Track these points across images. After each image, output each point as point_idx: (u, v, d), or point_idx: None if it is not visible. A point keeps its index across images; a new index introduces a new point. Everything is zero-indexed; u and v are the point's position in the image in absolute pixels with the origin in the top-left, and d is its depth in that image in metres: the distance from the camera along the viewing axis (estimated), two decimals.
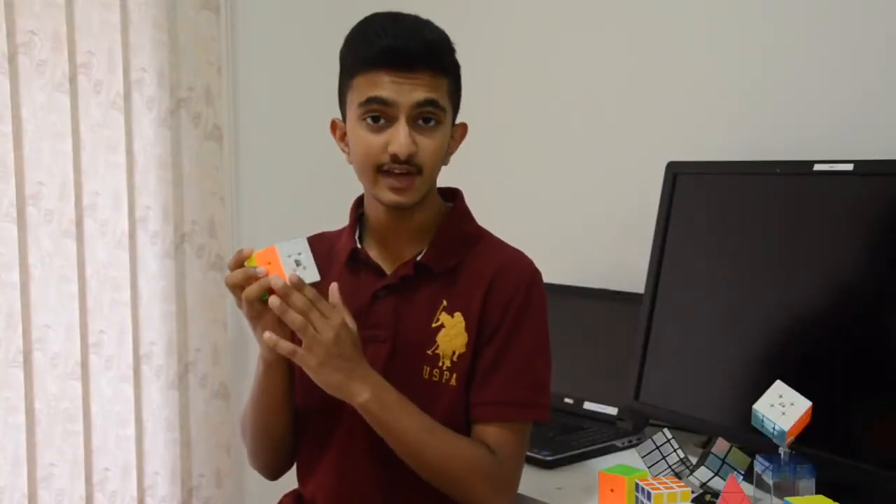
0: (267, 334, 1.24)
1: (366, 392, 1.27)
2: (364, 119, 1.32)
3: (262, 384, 1.38)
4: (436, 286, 1.39)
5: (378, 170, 1.33)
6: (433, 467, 1.32)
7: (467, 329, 1.37)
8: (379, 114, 1.31)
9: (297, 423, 1.46)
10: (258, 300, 1.26)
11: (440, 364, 1.37)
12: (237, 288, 1.27)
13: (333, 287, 1.28)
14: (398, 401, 1.30)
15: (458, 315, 1.37)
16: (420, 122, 1.32)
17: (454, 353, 1.37)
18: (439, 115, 1.33)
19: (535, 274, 1.41)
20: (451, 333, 1.37)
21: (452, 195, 1.48)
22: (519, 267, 1.41)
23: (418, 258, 1.40)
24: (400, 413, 1.30)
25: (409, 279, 1.39)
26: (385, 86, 1.30)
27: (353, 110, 1.34)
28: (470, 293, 1.38)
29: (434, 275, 1.39)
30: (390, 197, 1.34)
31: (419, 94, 1.30)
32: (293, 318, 1.22)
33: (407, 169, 1.32)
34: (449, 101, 1.35)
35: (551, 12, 2.22)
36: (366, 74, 1.32)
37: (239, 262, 1.28)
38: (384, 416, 1.29)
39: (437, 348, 1.37)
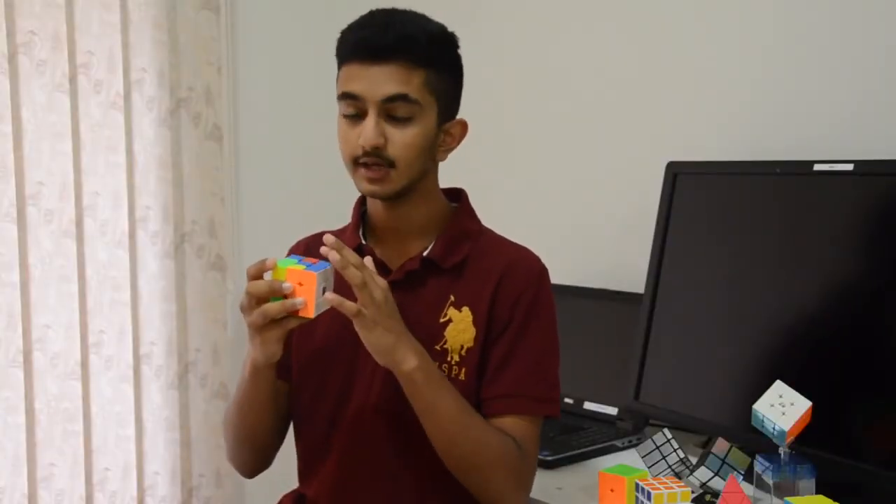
0: (331, 295, 1.21)
1: (414, 360, 1.25)
2: (343, 114, 1.35)
3: (247, 388, 1.38)
4: (443, 281, 1.39)
5: (355, 162, 1.34)
6: (463, 453, 1.31)
7: (475, 323, 1.37)
8: (353, 108, 1.33)
9: (279, 426, 1.46)
10: (274, 317, 1.23)
11: (448, 359, 1.37)
12: (257, 298, 1.23)
13: (368, 260, 1.26)
14: (441, 376, 1.30)
15: (465, 309, 1.38)
16: (392, 115, 1.32)
17: (462, 347, 1.37)
18: (413, 110, 1.32)
19: (544, 270, 1.42)
20: (459, 328, 1.37)
21: (457, 195, 1.48)
22: (528, 263, 1.41)
23: (425, 253, 1.40)
24: (442, 389, 1.28)
25: (414, 275, 1.39)
26: (355, 79, 1.31)
27: (338, 104, 1.36)
28: (478, 288, 1.38)
29: (441, 270, 1.39)
30: (365, 187, 1.35)
31: (387, 89, 1.30)
32: (353, 274, 1.19)
33: (377, 161, 1.32)
34: (428, 95, 1.33)
35: (551, 12, 2.22)
36: (343, 67, 1.34)
37: (260, 272, 1.24)
38: (427, 389, 1.27)
39: (445, 343, 1.37)
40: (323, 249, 1.21)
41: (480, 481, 1.33)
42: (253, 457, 1.47)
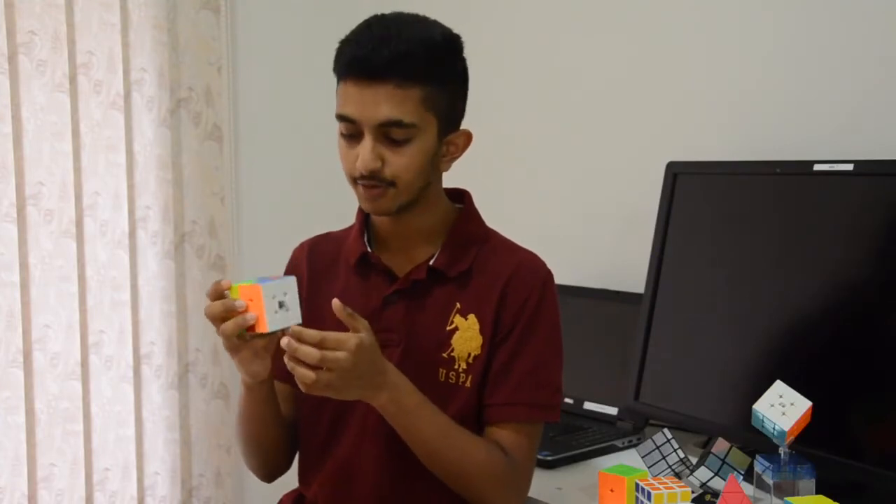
0: (289, 362, 1.20)
1: (381, 396, 1.27)
2: (340, 132, 1.33)
3: (245, 402, 1.39)
4: (449, 289, 1.39)
5: (354, 181, 1.33)
6: (449, 470, 1.33)
7: (482, 331, 1.37)
8: (349, 130, 1.31)
9: (288, 430, 1.46)
10: (234, 335, 1.24)
11: (455, 366, 1.37)
12: (217, 319, 1.24)
13: (336, 305, 1.23)
14: (417, 405, 1.29)
15: (472, 317, 1.37)
16: (389, 137, 1.30)
17: (469, 355, 1.37)
18: (409, 133, 1.29)
19: (549, 275, 1.41)
20: (466, 336, 1.37)
21: (460, 196, 1.47)
22: (533, 268, 1.41)
23: (431, 262, 1.39)
24: (416, 417, 1.30)
25: (420, 284, 1.39)
26: (350, 101, 1.29)
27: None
28: (484, 295, 1.38)
29: (447, 278, 1.39)
30: (366, 205, 1.35)
31: (381, 113, 1.27)
32: (307, 353, 1.18)
33: (375, 183, 1.31)
34: (425, 112, 1.30)
35: (552, 13, 2.22)
36: (340, 84, 1.32)
37: (218, 293, 1.24)
38: (400, 419, 1.29)
39: (451, 351, 1.37)
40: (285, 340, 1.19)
41: (470, 492, 1.35)
42: (265, 463, 1.48)
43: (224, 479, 2.48)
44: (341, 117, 1.31)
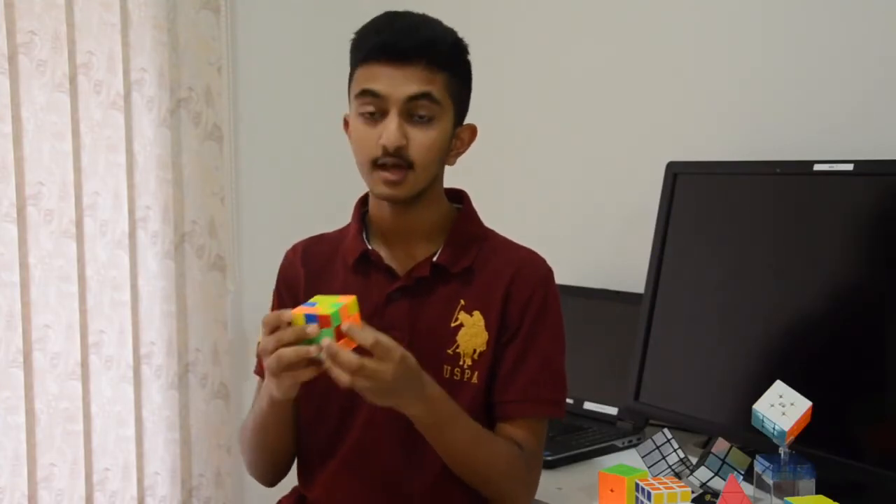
0: (337, 374, 1.18)
1: (417, 407, 1.27)
2: (360, 112, 1.33)
3: (267, 416, 1.37)
4: (452, 286, 1.39)
5: (373, 164, 1.33)
6: (476, 472, 1.35)
7: (487, 327, 1.38)
8: (373, 107, 1.32)
9: (294, 434, 1.46)
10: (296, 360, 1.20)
11: (461, 363, 1.38)
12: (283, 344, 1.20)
13: (356, 331, 1.20)
14: (449, 415, 1.30)
15: (476, 314, 1.38)
16: (415, 117, 1.32)
17: (475, 351, 1.38)
18: (434, 110, 1.32)
19: (550, 272, 1.43)
20: (472, 332, 1.38)
21: (458, 196, 1.48)
22: (536, 265, 1.42)
23: (434, 259, 1.40)
24: (448, 428, 1.30)
25: (423, 281, 1.39)
26: (378, 78, 1.31)
27: (352, 103, 1.36)
28: (488, 291, 1.39)
29: (450, 275, 1.39)
30: (383, 190, 1.34)
31: (412, 88, 1.30)
32: (348, 360, 1.16)
33: (397, 162, 1.31)
34: (448, 97, 1.34)
35: (551, 14, 2.22)
36: (363, 67, 1.33)
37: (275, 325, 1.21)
38: (432, 430, 1.30)
39: (457, 347, 1.38)
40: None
41: (490, 489, 1.37)
42: (274, 469, 1.48)
43: (224, 479, 2.48)
44: (366, 92, 1.31)
